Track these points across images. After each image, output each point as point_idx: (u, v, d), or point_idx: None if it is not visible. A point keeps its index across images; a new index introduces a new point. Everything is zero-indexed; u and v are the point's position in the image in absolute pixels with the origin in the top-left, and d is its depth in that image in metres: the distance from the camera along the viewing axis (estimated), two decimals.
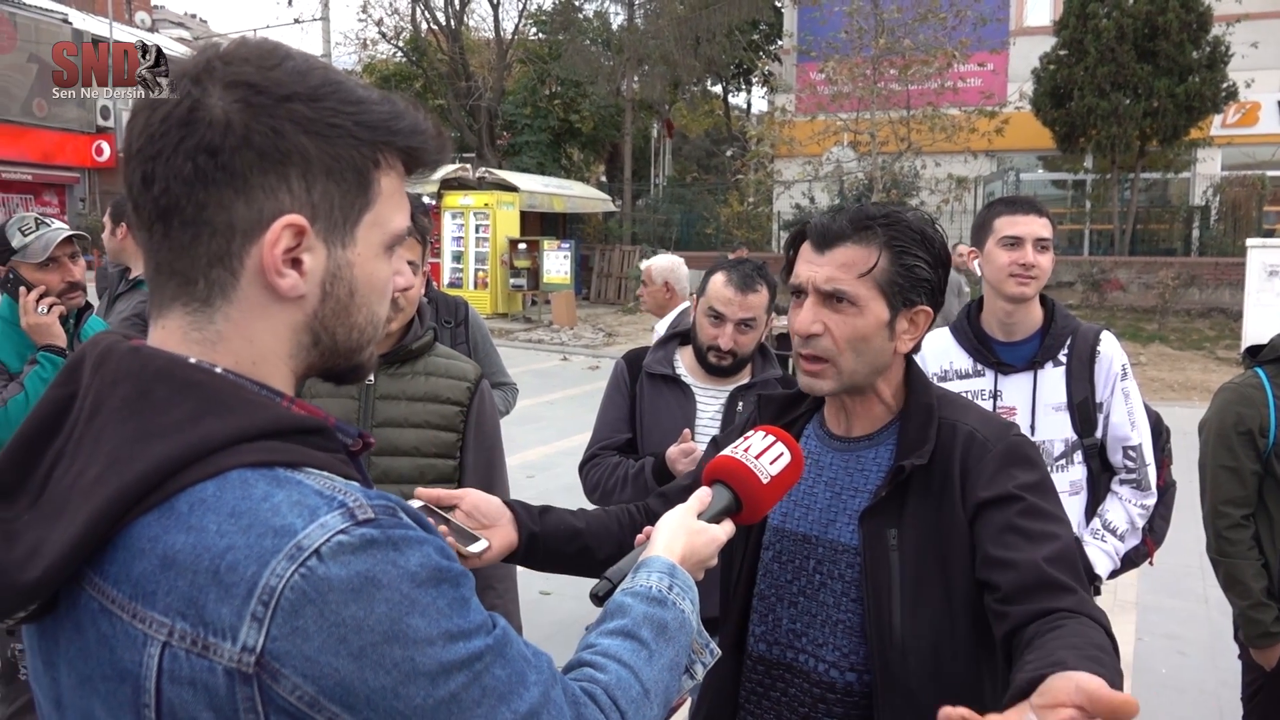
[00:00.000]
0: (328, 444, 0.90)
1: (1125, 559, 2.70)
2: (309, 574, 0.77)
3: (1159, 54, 17.22)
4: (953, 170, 18.68)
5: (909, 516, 1.53)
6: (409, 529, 0.83)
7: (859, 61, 17.68)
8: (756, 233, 22.93)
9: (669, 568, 1.16)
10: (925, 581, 1.51)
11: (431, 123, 0.96)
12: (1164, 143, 18.21)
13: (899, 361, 1.63)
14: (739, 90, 35.92)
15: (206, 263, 0.87)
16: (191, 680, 0.78)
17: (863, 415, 1.65)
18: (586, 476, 2.88)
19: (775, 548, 1.68)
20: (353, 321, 0.93)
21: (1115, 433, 2.63)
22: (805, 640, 1.61)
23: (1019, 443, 1.57)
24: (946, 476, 1.53)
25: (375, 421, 2.16)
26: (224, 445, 0.82)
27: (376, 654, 0.78)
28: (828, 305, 1.54)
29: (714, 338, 2.74)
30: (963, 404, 1.66)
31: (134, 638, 0.80)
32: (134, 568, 0.80)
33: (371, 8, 35.49)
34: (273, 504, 0.80)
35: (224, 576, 0.77)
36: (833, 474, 1.65)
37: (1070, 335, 2.66)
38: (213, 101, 0.84)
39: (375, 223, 0.92)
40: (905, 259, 1.54)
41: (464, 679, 0.82)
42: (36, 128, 28.50)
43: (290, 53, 0.90)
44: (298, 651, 0.77)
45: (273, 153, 0.85)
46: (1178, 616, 5.51)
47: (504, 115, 28.39)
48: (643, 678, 1.03)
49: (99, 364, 0.87)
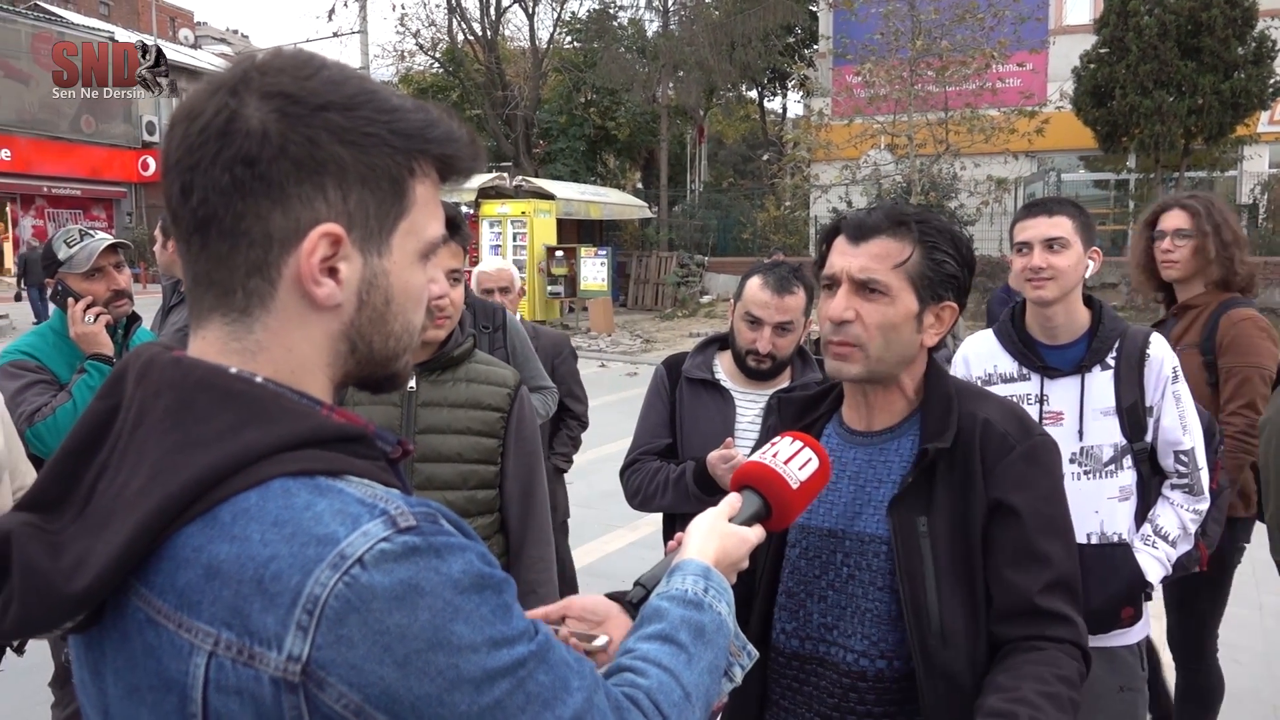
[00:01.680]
0: (368, 452, 0.91)
1: (1177, 565, 2.64)
2: (353, 582, 0.77)
3: (1203, 50, 16.92)
4: (992, 172, 18.47)
5: (937, 503, 1.59)
6: (451, 535, 0.83)
7: (895, 63, 17.55)
8: (794, 237, 22.83)
9: (704, 570, 1.16)
10: (956, 567, 1.57)
11: (465, 130, 0.95)
12: (1209, 141, 17.88)
13: (922, 355, 1.69)
14: (774, 95, 35.84)
15: (244, 273, 0.87)
16: (238, 690, 0.79)
17: (884, 408, 1.71)
18: (627, 482, 2.89)
19: (801, 545, 1.72)
20: (389, 330, 0.94)
21: (1166, 437, 2.57)
22: (836, 633, 1.65)
23: (1040, 445, 1.63)
24: (968, 464, 1.59)
25: (418, 428, 2.18)
26: (266, 455, 0.83)
27: (421, 661, 0.78)
28: (860, 294, 1.61)
29: (752, 341, 2.73)
30: (981, 394, 1.73)
31: (180, 648, 0.80)
32: (179, 578, 0.81)
33: (409, 20, 35.85)
34: (315, 512, 0.80)
35: (268, 586, 0.78)
36: (855, 468, 1.70)
37: (1118, 338, 2.60)
38: (249, 112, 0.85)
39: (410, 231, 0.92)
40: (936, 254, 1.62)
41: (508, 685, 0.82)
42: (85, 144, 29.17)
43: (325, 62, 0.90)
44: (343, 660, 0.77)
45: (309, 162, 0.85)
46: (1230, 623, 5.36)
47: (540, 124, 28.54)
48: (683, 681, 1.02)
49: (141, 375, 0.88)
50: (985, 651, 1.56)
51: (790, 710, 1.70)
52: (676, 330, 19.60)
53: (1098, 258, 2.65)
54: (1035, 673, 1.46)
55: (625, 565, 6.20)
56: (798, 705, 1.69)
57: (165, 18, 38.62)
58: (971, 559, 1.57)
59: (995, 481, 1.58)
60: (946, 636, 1.54)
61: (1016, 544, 1.55)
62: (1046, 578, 1.53)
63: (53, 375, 3.03)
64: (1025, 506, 1.56)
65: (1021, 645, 1.52)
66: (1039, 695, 1.42)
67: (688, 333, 18.80)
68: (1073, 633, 1.53)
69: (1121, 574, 2.48)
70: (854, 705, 1.61)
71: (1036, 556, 1.54)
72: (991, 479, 1.58)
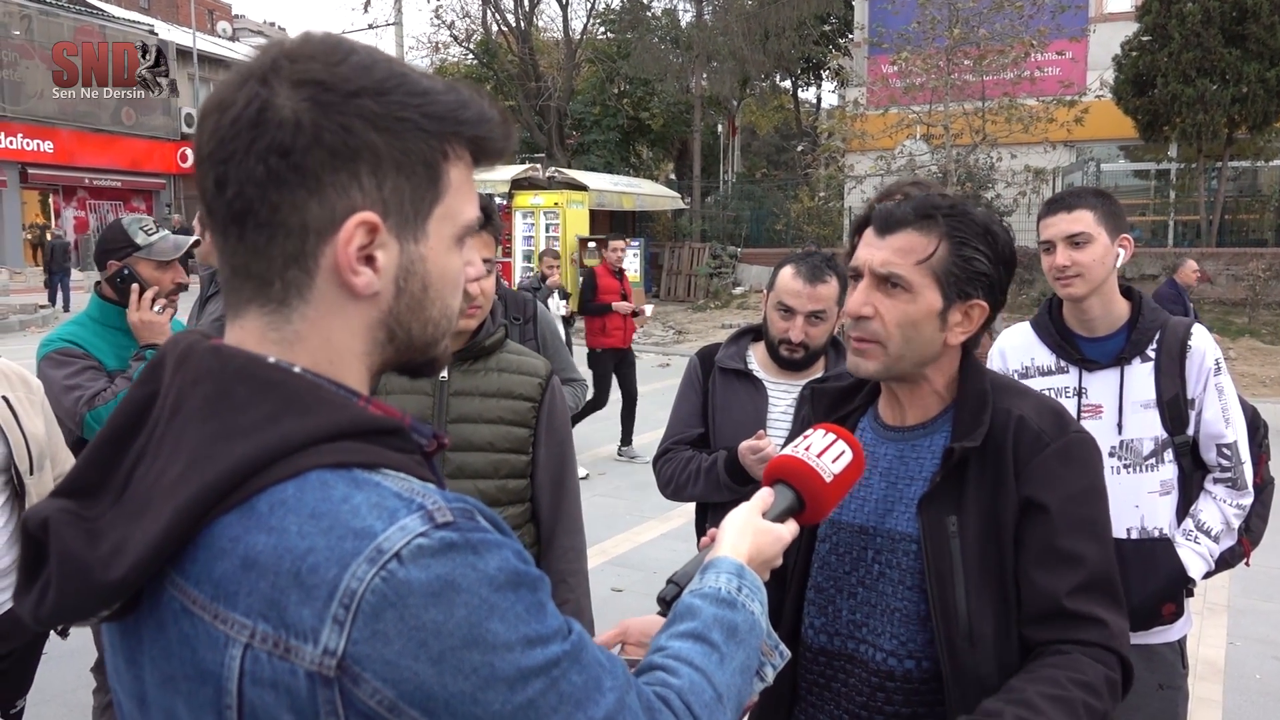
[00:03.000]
0: (404, 445, 0.90)
1: (1220, 560, 2.59)
2: (389, 577, 0.77)
3: (1248, 38, 16.59)
4: (1030, 162, 18.22)
5: (968, 503, 1.53)
6: (487, 532, 0.83)
7: (932, 52, 17.36)
8: (827, 228, 22.67)
9: (737, 569, 1.14)
10: (987, 567, 1.51)
11: (497, 110, 0.94)
12: (1254, 130, 17.53)
13: (952, 352, 1.62)
14: (808, 85, 35.59)
15: (282, 264, 0.87)
16: (274, 683, 0.78)
17: (915, 405, 1.65)
18: (660, 471, 2.89)
19: (832, 540, 1.68)
20: (427, 315, 0.93)
21: (1209, 430, 2.53)
22: (865, 630, 1.62)
23: (1076, 442, 1.55)
24: (1001, 462, 1.53)
25: (450, 417, 2.18)
26: (303, 446, 0.82)
27: (456, 659, 0.78)
28: (881, 289, 1.56)
29: (784, 331, 2.71)
30: (1019, 389, 1.65)
31: (216, 639, 0.80)
32: (215, 568, 0.80)
33: (444, 12, 35.97)
34: (352, 505, 0.80)
35: (305, 579, 0.77)
36: (887, 464, 1.65)
37: (1159, 330, 2.55)
38: (281, 101, 0.84)
39: (446, 215, 0.92)
40: (964, 250, 1.54)
41: (542, 685, 0.81)
42: (125, 136, 29.60)
43: (355, 47, 0.89)
44: (378, 655, 0.77)
45: (343, 150, 0.84)
46: (1272, 620, 5.29)
47: (573, 115, 28.54)
48: (715, 681, 1.00)
49: (180, 363, 0.88)
50: (1016, 654, 1.51)
51: (818, 707, 1.67)
52: (709, 321, 19.56)
53: (1128, 245, 2.59)
54: (1049, 675, 1.41)
55: (657, 556, 6.20)
56: (825, 702, 1.66)
57: (203, 11, 39.06)
58: (1002, 560, 1.52)
59: (1026, 479, 1.52)
60: (975, 638, 1.49)
61: (1045, 544, 1.50)
62: (1076, 579, 1.47)
63: (98, 362, 3.07)
64: (1055, 505, 1.50)
65: (1047, 649, 1.47)
66: (1043, 698, 1.37)
67: (720, 324, 18.75)
68: (1103, 635, 1.46)
69: (1162, 570, 2.44)
70: (881, 705, 1.58)
71: (1065, 557, 1.48)
72: (1023, 477, 1.52)
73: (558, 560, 2.33)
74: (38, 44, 26.69)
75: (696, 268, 23.14)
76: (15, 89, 26.41)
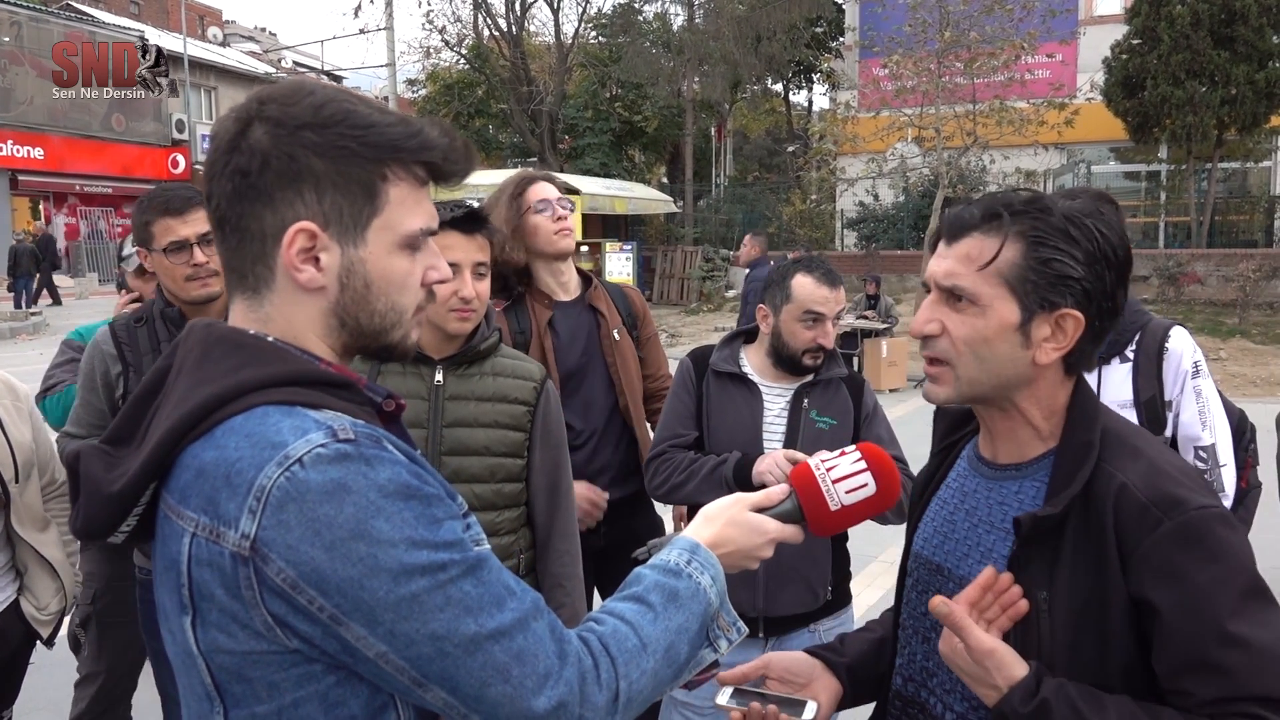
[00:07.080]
0: (353, 398, 1.10)
1: None
2: (292, 477, 0.96)
3: (1237, 40, 16.69)
4: (1021, 164, 18.30)
5: (1060, 578, 1.29)
6: (387, 453, 1.01)
7: (923, 55, 17.41)
8: (819, 231, 22.74)
9: (692, 546, 1.23)
10: (1079, 651, 1.29)
11: (448, 138, 1.12)
12: (1243, 131, 17.65)
13: (1051, 379, 1.37)
14: (800, 88, 35.67)
15: (251, 262, 1.10)
16: (210, 562, 0.99)
17: (1006, 439, 1.42)
18: (654, 473, 2.86)
19: (915, 575, 1.53)
20: (373, 308, 1.12)
21: (1185, 432, 2.53)
22: (935, 681, 1.45)
23: (1195, 522, 1.24)
24: (1102, 536, 1.27)
25: (445, 421, 2.19)
26: (257, 388, 1.03)
27: (344, 548, 0.95)
28: (948, 303, 1.36)
29: (812, 339, 2.69)
30: (1133, 448, 1.34)
31: (179, 533, 1.02)
32: (180, 480, 1.03)
33: (435, 16, 35.93)
34: (277, 427, 1.00)
35: (233, 479, 0.98)
36: (974, 503, 1.45)
37: (1139, 330, 2.56)
38: (251, 133, 1.06)
39: (385, 226, 1.10)
40: (1042, 251, 1.31)
41: (426, 583, 0.97)
42: (116, 142, 29.50)
43: (314, 90, 1.09)
44: (281, 540, 0.95)
45: (288, 172, 1.06)
46: None
47: (565, 119, 28.54)
48: (642, 633, 1.10)
49: (185, 338, 1.13)
50: None
51: None
52: (702, 325, 19.56)
53: None
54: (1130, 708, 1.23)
55: None
56: None
57: (194, 16, 38.98)
58: (1105, 641, 1.27)
59: (1135, 571, 1.24)
60: None
61: (1173, 655, 1.22)
62: (1219, 691, 1.19)
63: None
64: (1175, 610, 1.22)
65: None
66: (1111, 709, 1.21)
67: (713, 327, 18.76)
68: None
69: None
70: None
71: (1199, 668, 1.21)
72: (1130, 567, 1.25)
73: (553, 564, 2.33)
74: (27, 50, 26.62)
75: (689, 271, 23.16)
76: (5, 95, 26.31)
